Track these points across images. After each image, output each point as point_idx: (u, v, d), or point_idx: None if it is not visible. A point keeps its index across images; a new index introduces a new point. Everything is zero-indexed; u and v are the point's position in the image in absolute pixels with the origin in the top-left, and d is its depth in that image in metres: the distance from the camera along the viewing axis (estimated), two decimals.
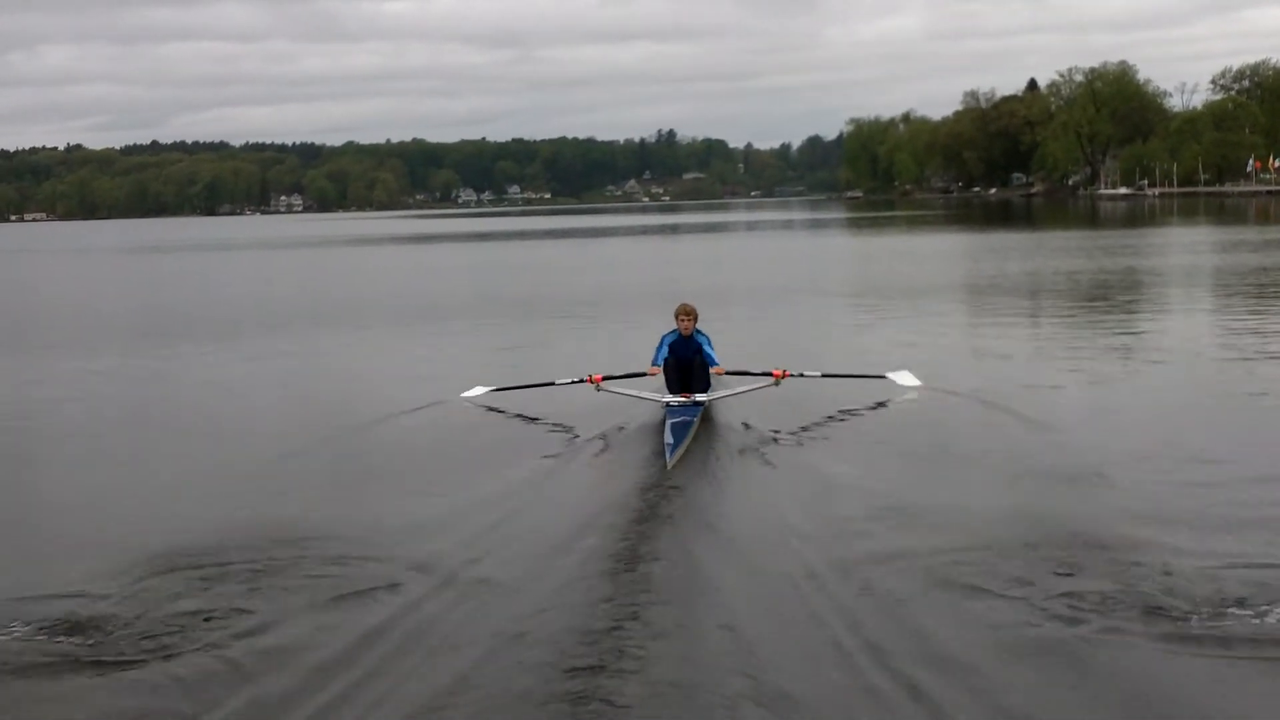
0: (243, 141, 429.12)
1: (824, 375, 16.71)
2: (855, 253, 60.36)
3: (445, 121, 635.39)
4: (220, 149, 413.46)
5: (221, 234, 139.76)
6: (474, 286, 41.08)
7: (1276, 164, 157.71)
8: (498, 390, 17.21)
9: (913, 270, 42.44)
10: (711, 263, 49.71)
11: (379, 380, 20.41)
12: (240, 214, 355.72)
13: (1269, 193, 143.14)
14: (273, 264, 67.33)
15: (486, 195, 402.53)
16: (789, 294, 33.46)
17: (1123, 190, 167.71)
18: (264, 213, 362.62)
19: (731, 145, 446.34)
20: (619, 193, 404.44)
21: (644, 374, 16.03)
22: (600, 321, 27.99)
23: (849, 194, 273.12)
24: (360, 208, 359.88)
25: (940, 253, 54.87)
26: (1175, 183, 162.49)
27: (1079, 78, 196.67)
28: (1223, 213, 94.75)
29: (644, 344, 17.38)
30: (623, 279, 42.33)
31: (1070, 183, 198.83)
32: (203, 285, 49.98)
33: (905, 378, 17.01)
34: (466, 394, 17.41)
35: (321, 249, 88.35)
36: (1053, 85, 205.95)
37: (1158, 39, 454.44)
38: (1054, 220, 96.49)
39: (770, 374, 15.98)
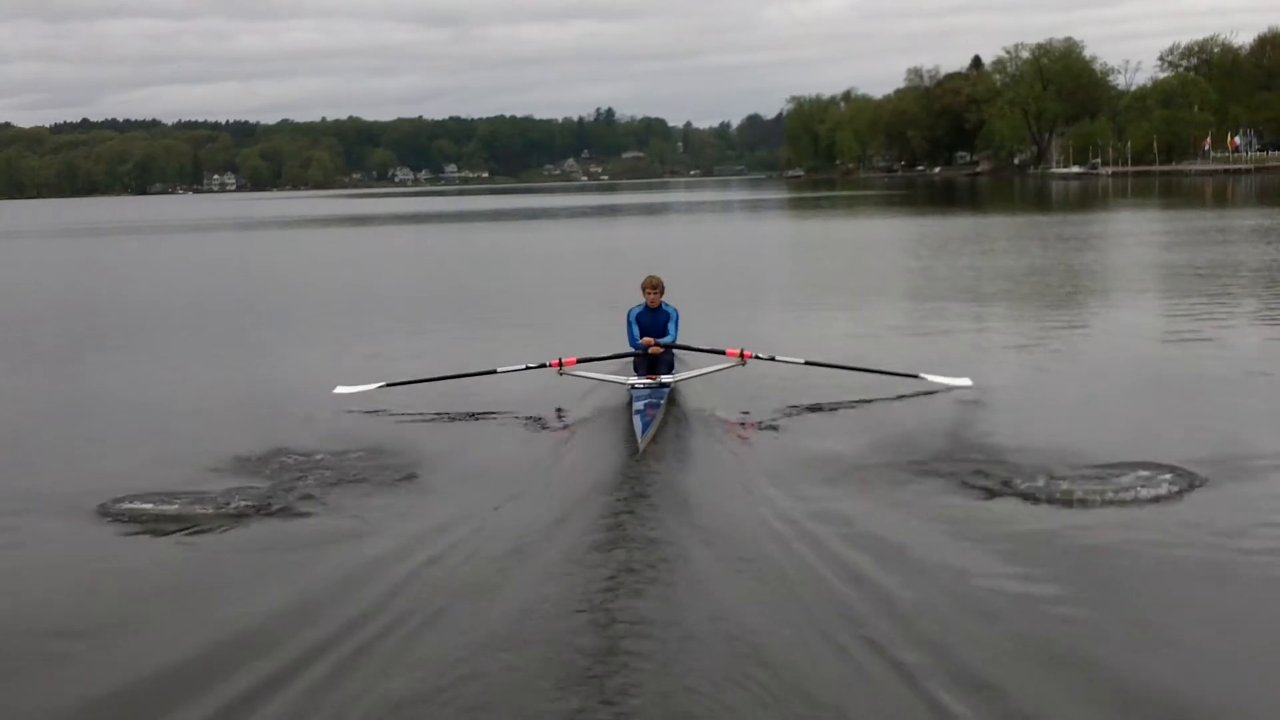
0: (175, 120, 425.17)
1: (807, 363, 15.93)
2: (805, 241, 56.10)
3: (382, 100, 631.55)
4: (152, 127, 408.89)
5: (152, 215, 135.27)
6: (409, 282, 37.13)
7: (1235, 141, 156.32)
8: (430, 380, 16.16)
9: (877, 266, 38.59)
10: (653, 254, 46.00)
11: (319, 371, 18.87)
12: (172, 193, 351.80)
13: (1226, 171, 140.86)
14: (203, 251, 62.53)
15: (423, 174, 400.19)
16: (739, 295, 29.87)
17: (1075, 169, 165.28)
18: (196, 191, 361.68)
19: (671, 124, 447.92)
20: (557, 172, 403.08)
21: (633, 352, 15.72)
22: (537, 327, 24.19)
23: (790, 173, 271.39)
24: (295, 187, 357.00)
25: (901, 242, 50.79)
26: (1129, 161, 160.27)
27: (1025, 54, 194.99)
28: (1186, 194, 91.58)
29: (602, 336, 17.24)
30: (555, 279, 38.73)
31: (1016, 161, 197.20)
32: (133, 276, 45.84)
33: (936, 380, 15.71)
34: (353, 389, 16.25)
35: (253, 232, 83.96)
36: (998, 62, 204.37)
37: (1093, 19, 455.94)
38: (1009, 202, 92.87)
39: (723, 351, 15.74)
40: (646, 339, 15.51)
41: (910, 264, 37.00)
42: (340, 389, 16.17)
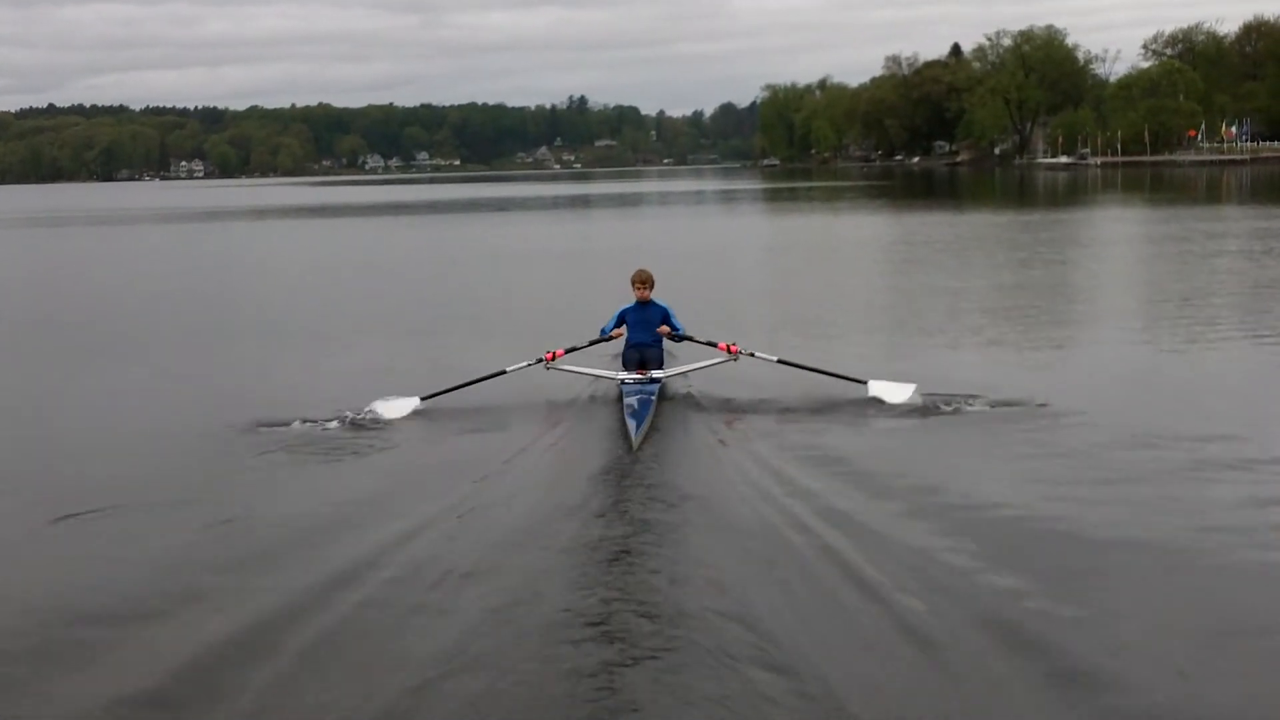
0: (143, 105, 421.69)
1: (779, 361, 15.81)
2: (787, 243, 51.74)
3: (352, 86, 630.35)
4: (119, 113, 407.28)
5: (118, 203, 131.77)
6: (381, 289, 32.97)
7: (1232, 131, 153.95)
8: (435, 395, 15.34)
9: (868, 284, 35.04)
10: (631, 254, 42.69)
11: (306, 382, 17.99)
12: (139, 180, 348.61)
13: (1221, 162, 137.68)
14: (174, 247, 58.22)
15: (394, 162, 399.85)
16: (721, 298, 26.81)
17: (1063, 160, 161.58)
18: (163, 178, 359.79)
19: (644, 112, 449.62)
20: (530, 160, 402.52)
21: (608, 338, 15.80)
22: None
23: (765, 162, 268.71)
24: (264, 174, 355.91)
25: (892, 247, 46.05)
26: (1119, 151, 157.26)
27: (1006, 42, 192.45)
28: (1186, 188, 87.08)
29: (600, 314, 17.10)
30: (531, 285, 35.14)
31: (997, 151, 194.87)
32: (96, 277, 41.37)
33: (881, 387, 15.10)
34: (386, 404, 15.05)
35: (220, 223, 80.00)
36: (979, 50, 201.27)
37: (1064, 9, 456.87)
38: (999, 196, 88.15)
39: (715, 344, 15.71)
40: (617, 330, 15.59)
41: (906, 281, 33.37)
42: (379, 404, 15.03)
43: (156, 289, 34.08)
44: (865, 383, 15.11)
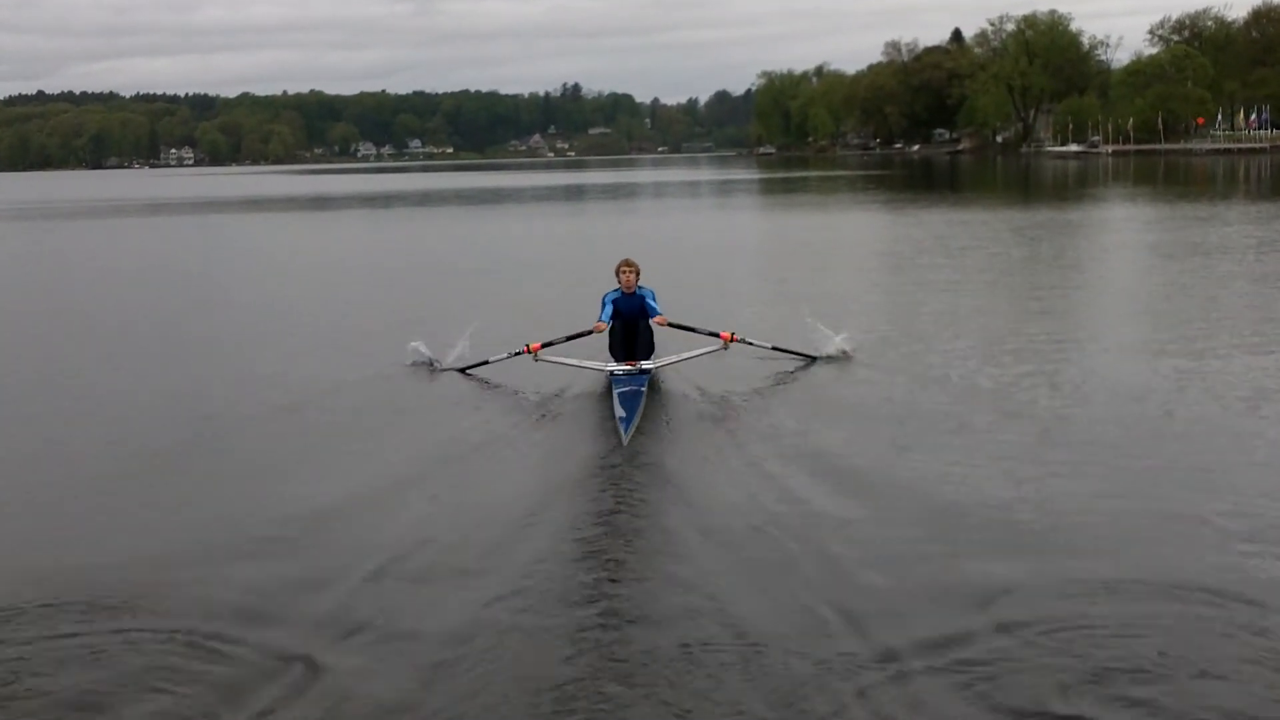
0: (133, 92, 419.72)
1: (774, 349, 16.71)
2: (790, 253, 48.01)
3: (344, 74, 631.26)
4: (109, 100, 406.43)
5: (107, 192, 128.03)
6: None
7: (1252, 120, 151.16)
8: (431, 364, 16.97)
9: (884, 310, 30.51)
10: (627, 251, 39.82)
11: (297, 355, 19.15)
12: (128, 167, 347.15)
13: (1239, 151, 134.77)
14: (168, 243, 53.38)
15: (386, 149, 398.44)
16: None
17: (1074, 148, 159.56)
18: (153, 166, 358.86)
19: (638, 100, 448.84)
20: (523, 148, 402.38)
21: (588, 331, 15.71)
22: None
23: (761, 150, 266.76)
24: (255, 161, 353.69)
25: (931, 254, 40.12)
26: (1131, 139, 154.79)
27: (1009, 27, 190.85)
28: (1211, 179, 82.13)
29: (586, 310, 17.55)
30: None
31: (999, 139, 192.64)
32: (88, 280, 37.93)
33: (845, 342, 16.88)
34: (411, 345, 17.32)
35: (213, 215, 75.25)
36: (981, 35, 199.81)
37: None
38: (1021, 188, 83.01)
39: (717, 334, 15.97)
40: (599, 323, 15.53)
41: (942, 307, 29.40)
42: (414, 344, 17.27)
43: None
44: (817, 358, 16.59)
